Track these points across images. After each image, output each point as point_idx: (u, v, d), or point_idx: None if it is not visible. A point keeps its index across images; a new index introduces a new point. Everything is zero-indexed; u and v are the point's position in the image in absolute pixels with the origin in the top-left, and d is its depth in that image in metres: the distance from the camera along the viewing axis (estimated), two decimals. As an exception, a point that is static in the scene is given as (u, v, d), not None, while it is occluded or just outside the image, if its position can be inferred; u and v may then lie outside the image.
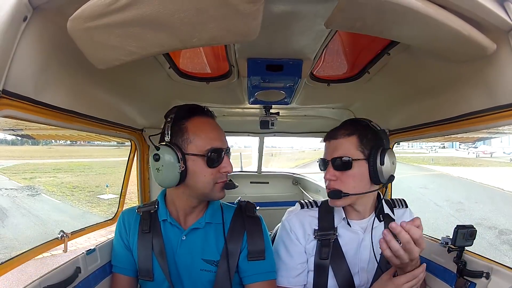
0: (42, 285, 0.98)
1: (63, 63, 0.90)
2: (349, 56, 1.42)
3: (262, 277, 1.14)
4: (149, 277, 1.14)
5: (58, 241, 1.24)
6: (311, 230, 1.21)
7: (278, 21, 0.93)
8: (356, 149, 1.10)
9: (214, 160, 1.06)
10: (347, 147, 1.10)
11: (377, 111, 1.75)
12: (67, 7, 0.70)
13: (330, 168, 1.12)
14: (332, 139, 1.14)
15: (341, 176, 1.10)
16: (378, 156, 1.08)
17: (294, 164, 31.11)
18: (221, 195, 1.11)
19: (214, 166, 1.06)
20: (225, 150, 1.09)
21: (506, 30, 0.77)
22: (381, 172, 1.08)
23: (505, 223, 10.10)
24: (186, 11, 0.64)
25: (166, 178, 1.04)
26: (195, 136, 1.06)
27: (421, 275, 0.95)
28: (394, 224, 0.89)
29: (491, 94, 0.93)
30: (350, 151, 1.10)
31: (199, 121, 1.09)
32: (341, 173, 1.10)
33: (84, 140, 6.39)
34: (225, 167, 1.08)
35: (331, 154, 1.13)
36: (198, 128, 1.07)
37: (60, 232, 1.25)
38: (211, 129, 1.09)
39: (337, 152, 1.11)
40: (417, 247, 0.88)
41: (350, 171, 1.09)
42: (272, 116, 2.00)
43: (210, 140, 1.06)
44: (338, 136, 1.13)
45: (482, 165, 27.18)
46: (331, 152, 1.13)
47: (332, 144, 1.14)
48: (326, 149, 1.17)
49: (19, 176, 18.43)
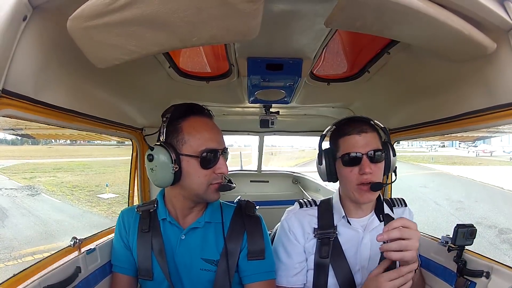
0: (42, 285, 0.98)
1: (63, 63, 0.90)
2: (349, 55, 1.42)
3: (261, 276, 1.14)
4: (148, 276, 1.13)
5: (71, 248, 1.22)
6: (311, 229, 1.21)
7: (278, 20, 0.93)
8: (380, 142, 1.15)
9: (208, 161, 1.04)
10: (376, 141, 1.13)
11: (377, 110, 1.75)
12: (67, 6, 0.70)
13: (366, 161, 1.11)
14: (363, 132, 1.13)
15: (375, 168, 1.12)
16: (390, 149, 1.16)
17: (294, 163, 31.12)
18: (215, 197, 1.09)
19: (209, 167, 1.04)
20: (221, 151, 1.07)
21: (506, 29, 0.78)
22: (393, 163, 1.17)
23: (505, 222, 10.13)
24: (186, 10, 0.64)
25: (160, 178, 1.04)
26: (190, 136, 1.04)
27: (409, 275, 0.93)
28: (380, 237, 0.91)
29: (491, 93, 0.93)
30: (379, 144, 1.14)
31: (195, 121, 1.07)
32: (375, 165, 1.12)
33: (84, 140, 6.37)
34: (220, 168, 1.06)
35: (364, 148, 1.11)
36: (193, 128, 1.05)
37: (72, 239, 1.23)
38: (206, 129, 1.07)
39: (371, 145, 1.12)
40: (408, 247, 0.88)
41: (380, 164, 1.13)
42: (272, 115, 2.00)
43: (204, 141, 1.04)
44: (368, 130, 1.13)
45: (482, 164, 27.21)
46: (364, 145, 1.12)
47: (364, 137, 1.12)
48: (354, 142, 1.13)
49: (19, 175, 18.46)
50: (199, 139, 1.04)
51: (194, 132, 1.04)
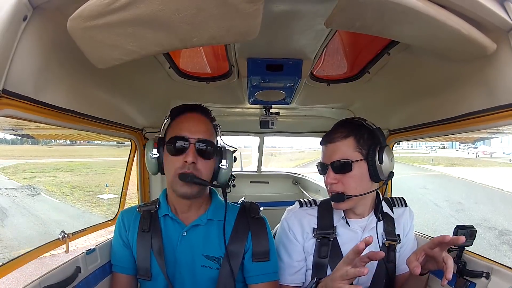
0: (42, 285, 0.98)
1: (63, 63, 0.90)
2: (349, 56, 1.42)
3: (266, 278, 1.15)
4: (147, 276, 1.14)
5: (59, 241, 1.23)
6: (310, 228, 1.21)
7: (278, 20, 0.93)
8: (354, 150, 1.10)
9: (173, 147, 1.07)
10: (345, 150, 1.10)
11: (377, 111, 1.75)
12: (67, 6, 0.70)
13: (330, 172, 1.11)
14: (329, 142, 1.13)
15: (342, 178, 1.10)
16: (377, 155, 1.09)
17: (294, 164, 31.10)
18: (182, 189, 1.06)
19: (175, 154, 1.07)
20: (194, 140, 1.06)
21: (506, 29, 0.78)
22: (381, 170, 1.09)
23: (505, 223, 10.11)
24: (186, 10, 0.64)
25: (148, 165, 1.14)
26: (171, 130, 1.11)
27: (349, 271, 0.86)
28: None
29: (491, 94, 0.93)
30: (349, 153, 1.10)
31: (182, 116, 1.12)
32: (342, 175, 1.10)
33: (84, 140, 6.38)
34: (185, 156, 1.05)
35: (329, 158, 1.12)
36: (176, 122, 1.11)
37: (61, 233, 1.24)
38: (184, 121, 1.11)
39: (336, 155, 1.10)
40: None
41: (350, 173, 1.09)
42: (272, 116, 2.00)
43: (177, 130, 1.09)
44: (334, 139, 1.12)
45: (481, 166, 27.19)
46: (329, 156, 1.13)
47: (330, 148, 1.13)
48: (323, 153, 1.16)
49: (18, 175, 18.44)
50: (174, 129, 1.10)
51: (174, 125, 1.11)
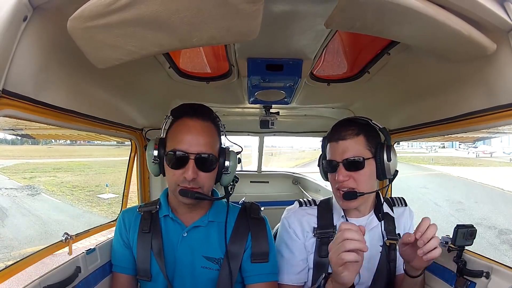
0: (42, 285, 0.98)
1: (63, 63, 0.90)
2: (349, 56, 1.42)
3: (264, 278, 1.15)
4: (146, 277, 1.14)
5: (62, 243, 1.23)
6: (310, 228, 1.21)
7: (278, 21, 0.93)
8: (365, 148, 1.11)
9: (171, 162, 1.06)
10: (357, 147, 1.11)
11: (377, 111, 1.75)
12: (67, 7, 0.70)
13: (342, 169, 1.10)
14: (341, 140, 1.12)
15: (354, 176, 1.10)
16: (385, 153, 1.11)
17: (294, 163, 31.08)
18: (184, 200, 1.07)
19: (175, 168, 1.06)
20: (194, 155, 1.04)
21: (506, 30, 0.77)
22: (388, 168, 1.12)
23: (505, 223, 10.12)
24: (186, 10, 0.64)
25: (149, 167, 1.13)
26: (171, 136, 1.10)
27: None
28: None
29: (491, 94, 0.93)
30: (361, 151, 1.10)
31: (182, 122, 1.09)
32: (353, 173, 1.10)
33: (84, 140, 6.39)
34: (184, 171, 1.04)
35: (341, 155, 1.11)
36: (176, 129, 1.10)
37: (64, 235, 1.23)
38: (183, 131, 1.07)
39: (348, 152, 1.10)
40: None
41: (362, 171, 1.10)
42: (272, 116, 2.00)
43: (176, 142, 1.07)
44: (346, 136, 1.12)
45: (482, 165, 27.18)
46: (341, 153, 1.11)
47: (342, 145, 1.12)
48: (333, 150, 1.14)
49: (19, 175, 18.43)
50: (173, 140, 1.08)
51: (175, 133, 1.10)
